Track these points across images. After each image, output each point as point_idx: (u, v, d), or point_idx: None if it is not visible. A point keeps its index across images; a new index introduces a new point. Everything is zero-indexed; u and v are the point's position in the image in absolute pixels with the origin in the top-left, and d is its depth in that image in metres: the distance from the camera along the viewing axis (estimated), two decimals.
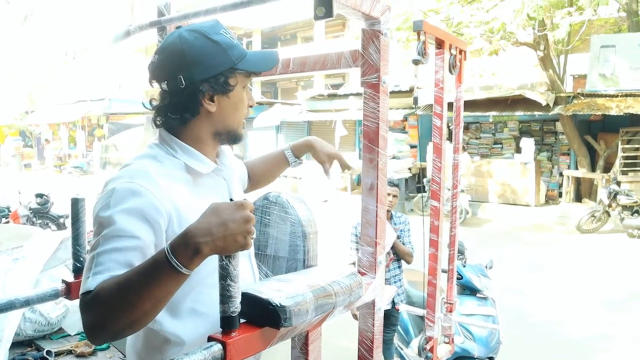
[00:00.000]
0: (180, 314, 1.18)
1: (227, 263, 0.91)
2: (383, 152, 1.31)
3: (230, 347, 0.92)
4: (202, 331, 1.19)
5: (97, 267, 1.03)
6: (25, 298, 1.36)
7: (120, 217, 1.06)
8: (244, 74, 1.23)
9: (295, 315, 0.98)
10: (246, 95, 1.27)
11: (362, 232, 1.36)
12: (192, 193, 1.19)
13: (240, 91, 1.24)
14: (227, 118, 1.24)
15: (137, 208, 1.07)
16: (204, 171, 1.23)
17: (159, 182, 1.12)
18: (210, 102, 1.20)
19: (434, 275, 2.49)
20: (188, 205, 1.15)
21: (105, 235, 1.05)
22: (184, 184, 1.19)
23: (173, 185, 1.15)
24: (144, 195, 1.08)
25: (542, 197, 11.24)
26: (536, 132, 12.07)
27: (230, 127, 1.26)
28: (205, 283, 1.18)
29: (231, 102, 1.23)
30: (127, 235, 1.05)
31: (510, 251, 8.03)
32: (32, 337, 2.56)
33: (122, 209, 1.06)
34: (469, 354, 3.26)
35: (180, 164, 1.21)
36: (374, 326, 1.35)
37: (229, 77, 1.20)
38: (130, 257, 1.04)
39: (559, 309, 5.49)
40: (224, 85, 1.19)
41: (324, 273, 1.20)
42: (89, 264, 1.05)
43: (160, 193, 1.11)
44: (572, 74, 11.73)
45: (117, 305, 0.96)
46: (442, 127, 2.42)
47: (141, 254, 1.05)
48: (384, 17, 1.28)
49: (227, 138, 1.28)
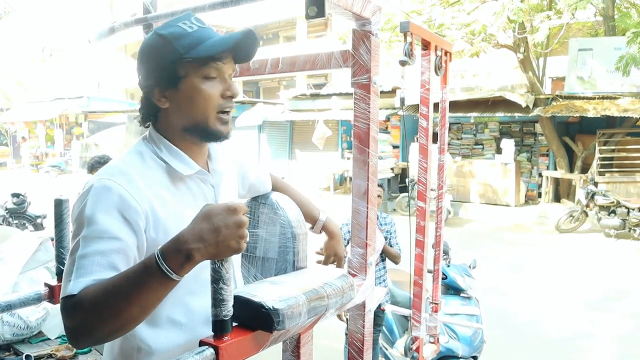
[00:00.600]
0: (156, 322, 1.14)
1: (219, 266, 0.89)
2: (374, 154, 1.31)
3: (222, 351, 0.90)
4: (177, 341, 1.15)
5: (80, 270, 1.00)
6: (6, 302, 1.32)
7: (101, 217, 1.03)
8: (199, 63, 1.12)
9: (288, 318, 0.96)
10: (212, 85, 1.15)
11: (352, 234, 1.35)
12: (172, 197, 1.14)
13: (196, 82, 1.14)
14: (185, 112, 1.16)
15: (117, 208, 1.04)
16: (185, 172, 1.17)
17: (138, 184, 1.09)
18: (160, 99, 1.16)
19: (419, 276, 2.50)
20: (165, 210, 1.11)
21: (86, 237, 1.02)
22: (164, 188, 1.14)
23: (153, 187, 1.12)
24: (122, 195, 1.05)
25: (522, 197, 11.40)
26: (516, 133, 12.24)
27: (194, 121, 1.16)
28: (185, 290, 1.14)
29: (183, 95, 1.15)
30: (108, 236, 1.02)
31: (492, 251, 8.12)
32: (10, 341, 2.49)
33: (102, 209, 1.03)
34: (453, 354, 3.28)
35: (162, 165, 1.17)
36: (364, 327, 1.35)
37: (176, 69, 1.13)
38: (114, 260, 1.01)
39: (539, 309, 5.56)
40: (169, 78, 1.14)
41: (315, 275, 1.19)
42: (69, 267, 1.02)
43: (138, 194, 1.07)
44: (551, 77, 11.94)
45: (104, 311, 0.94)
46: (428, 128, 2.42)
47: (124, 257, 1.03)
48: (374, 17, 1.27)
49: (199, 134, 1.18)
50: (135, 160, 1.16)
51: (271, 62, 1.48)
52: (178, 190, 1.17)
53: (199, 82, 1.14)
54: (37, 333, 2.59)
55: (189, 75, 1.13)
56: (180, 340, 1.16)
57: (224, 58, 1.15)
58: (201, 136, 1.19)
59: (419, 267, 2.49)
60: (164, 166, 1.17)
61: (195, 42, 1.11)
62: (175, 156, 1.18)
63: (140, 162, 1.15)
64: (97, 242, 1.01)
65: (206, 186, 1.24)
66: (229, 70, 1.18)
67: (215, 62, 1.14)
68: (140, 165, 1.14)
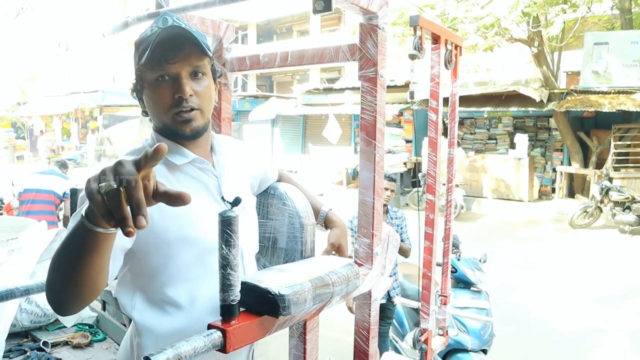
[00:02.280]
0: (158, 305, 1.18)
1: (227, 252, 0.92)
2: (380, 145, 1.33)
3: (230, 334, 0.93)
4: (177, 325, 1.18)
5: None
6: (25, 287, 1.38)
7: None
8: (149, 67, 1.16)
9: (293, 304, 0.99)
10: (164, 88, 1.17)
11: (359, 224, 1.37)
12: (167, 183, 1.12)
13: (150, 86, 1.18)
14: (151, 114, 1.23)
15: None
16: (178, 162, 1.21)
17: None
18: (140, 103, 1.25)
19: (428, 268, 2.51)
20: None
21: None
22: (162, 178, 1.14)
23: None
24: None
25: (535, 192, 11.32)
26: (530, 128, 12.13)
27: (160, 121, 1.22)
28: (190, 275, 1.18)
29: (146, 98, 1.21)
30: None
31: (504, 246, 8.09)
32: (28, 328, 2.56)
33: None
34: (463, 346, 3.30)
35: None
36: (370, 316, 1.37)
37: (140, 75, 1.20)
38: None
39: (551, 305, 5.55)
40: (138, 84, 1.22)
41: (322, 263, 1.21)
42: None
43: None
44: (566, 71, 11.80)
45: (55, 281, 0.98)
46: (437, 122, 2.44)
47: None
48: (381, 11, 1.29)
49: (167, 133, 1.23)
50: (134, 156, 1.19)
51: (280, 56, 1.51)
52: (175, 178, 1.21)
53: (152, 86, 1.18)
54: (53, 321, 2.65)
55: (147, 79, 1.18)
56: (180, 324, 1.18)
57: (169, 58, 1.15)
58: (170, 135, 1.23)
59: (428, 260, 2.51)
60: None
61: (147, 47, 1.14)
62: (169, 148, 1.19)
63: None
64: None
65: (207, 175, 1.26)
66: (186, 68, 1.17)
67: (161, 64, 1.15)
68: None
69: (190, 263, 1.15)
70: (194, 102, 1.18)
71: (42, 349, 2.37)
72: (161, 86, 1.17)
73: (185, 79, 1.17)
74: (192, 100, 1.18)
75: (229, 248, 0.92)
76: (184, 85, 1.16)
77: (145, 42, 1.16)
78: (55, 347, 2.42)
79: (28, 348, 2.38)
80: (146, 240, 1.13)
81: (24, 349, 2.38)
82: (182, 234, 1.15)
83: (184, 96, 1.16)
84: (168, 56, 1.14)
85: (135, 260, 1.17)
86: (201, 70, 1.20)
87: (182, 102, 1.17)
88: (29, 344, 2.44)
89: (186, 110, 1.17)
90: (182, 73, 1.17)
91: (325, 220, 1.51)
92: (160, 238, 1.14)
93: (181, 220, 1.15)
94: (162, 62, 1.15)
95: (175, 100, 1.17)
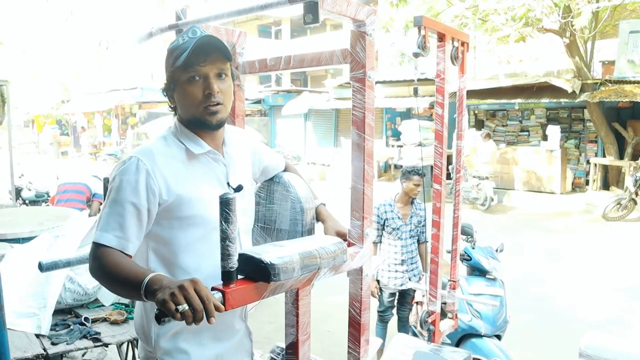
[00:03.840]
0: (167, 268, 1.44)
1: (226, 227, 1.12)
2: (369, 138, 1.50)
3: (228, 295, 1.13)
4: None
5: (104, 224, 1.35)
6: (67, 260, 1.62)
7: (124, 187, 1.36)
8: (182, 69, 1.40)
9: (283, 272, 1.18)
10: (195, 86, 1.41)
11: (351, 208, 1.55)
12: (185, 170, 1.44)
13: (183, 85, 1.42)
14: (182, 109, 1.47)
15: (138, 180, 1.36)
16: (196, 151, 1.46)
17: (157, 161, 1.39)
18: (170, 99, 1.50)
19: (436, 254, 2.67)
20: (178, 180, 1.40)
21: (112, 199, 1.37)
22: (181, 163, 1.44)
23: (170, 162, 1.42)
24: (143, 170, 1.37)
25: (568, 184, 11.17)
26: (564, 120, 11.95)
27: (189, 114, 1.45)
28: (193, 249, 1.43)
29: (178, 95, 1.45)
30: (127, 201, 1.35)
31: (534, 238, 8.08)
32: (71, 306, 2.85)
33: (126, 179, 1.36)
34: (476, 332, 3.42)
35: (182, 146, 1.47)
36: (362, 290, 1.55)
37: (172, 76, 1.45)
38: (127, 221, 1.34)
39: (578, 295, 5.55)
40: (170, 84, 1.47)
41: (313, 240, 1.40)
42: (98, 220, 1.38)
43: (155, 170, 1.38)
44: (601, 60, 11.55)
45: (102, 279, 1.35)
46: (443, 115, 2.58)
47: (137, 219, 1.36)
48: (369, 19, 1.45)
49: (196, 124, 1.46)
50: (159, 144, 1.47)
51: (284, 59, 1.70)
52: (192, 166, 1.46)
53: (185, 85, 1.42)
54: (93, 300, 2.93)
55: (179, 80, 1.43)
56: None
57: (201, 61, 1.39)
58: (196, 126, 1.47)
59: (436, 246, 2.66)
60: (183, 147, 1.47)
61: (180, 53, 1.39)
62: (190, 139, 1.47)
63: (163, 145, 1.46)
64: (118, 205, 1.35)
65: (218, 164, 1.51)
66: (214, 70, 1.42)
67: (193, 66, 1.39)
68: (163, 147, 1.45)
69: (199, 238, 1.42)
70: (219, 98, 1.43)
71: (83, 324, 2.64)
72: (193, 84, 1.41)
73: (213, 79, 1.42)
74: (218, 96, 1.42)
75: (228, 224, 1.12)
76: (212, 84, 1.41)
77: (179, 48, 1.41)
78: (94, 323, 2.69)
79: (71, 323, 2.66)
80: (162, 215, 1.40)
81: (68, 324, 2.66)
82: (192, 213, 1.41)
83: (213, 93, 1.41)
84: (199, 60, 1.39)
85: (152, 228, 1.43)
86: (225, 72, 1.45)
87: (210, 97, 1.41)
88: (72, 320, 2.72)
89: (213, 104, 1.42)
90: (210, 74, 1.41)
91: (317, 212, 1.71)
92: (174, 214, 1.41)
93: (193, 201, 1.41)
94: (194, 64, 1.39)
95: (205, 96, 1.41)
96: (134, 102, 22.50)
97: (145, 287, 1.18)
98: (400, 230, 3.88)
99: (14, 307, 2.58)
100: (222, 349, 1.51)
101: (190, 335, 1.45)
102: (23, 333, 2.54)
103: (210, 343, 1.48)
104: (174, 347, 1.45)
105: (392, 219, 3.88)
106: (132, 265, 1.30)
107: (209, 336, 1.48)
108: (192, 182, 1.43)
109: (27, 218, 4.15)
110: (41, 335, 2.54)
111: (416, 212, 3.93)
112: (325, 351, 3.79)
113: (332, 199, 2.35)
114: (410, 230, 3.91)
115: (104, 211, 1.37)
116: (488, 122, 13.08)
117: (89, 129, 25.55)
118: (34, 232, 3.53)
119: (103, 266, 1.31)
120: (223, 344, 1.51)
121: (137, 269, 1.27)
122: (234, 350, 1.55)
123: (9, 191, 7.60)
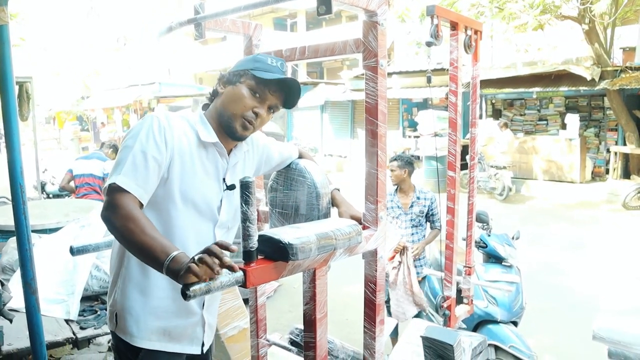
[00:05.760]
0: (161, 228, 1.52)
1: (246, 209, 1.18)
2: (382, 125, 1.55)
3: (249, 273, 1.20)
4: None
5: (123, 169, 1.42)
6: (95, 244, 1.72)
7: (145, 138, 1.46)
8: (254, 79, 1.54)
9: (300, 251, 1.25)
10: (252, 99, 1.55)
11: (366, 192, 1.60)
12: (190, 153, 1.55)
13: (243, 88, 1.55)
14: (225, 104, 1.58)
15: (158, 133, 1.47)
16: (204, 139, 1.57)
17: (175, 133, 1.52)
18: (220, 86, 1.61)
19: (451, 240, 2.71)
20: (182, 160, 1.52)
21: (134, 148, 1.44)
22: (189, 145, 1.55)
23: (183, 138, 1.54)
24: (163, 126, 1.50)
25: (588, 173, 11.05)
26: (583, 108, 11.81)
27: (227, 114, 1.57)
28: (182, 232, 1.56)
29: (232, 91, 1.57)
30: (148, 152, 1.45)
31: (553, 228, 8.03)
32: (98, 293, 2.96)
33: (150, 131, 1.47)
34: (492, 318, 3.45)
35: (194, 132, 1.58)
36: (376, 271, 1.61)
37: (241, 74, 1.57)
38: (150, 173, 1.45)
39: (598, 285, 5.52)
40: (234, 77, 1.59)
41: (330, 223, 1.46)
42: (118, 159, 1.46)
43: (172, 135, 1.50)
44: (622, 47, 11.38)
45: (118, 232, 1.37)
46: (456, 104, 2.62)
47: (156, 174, 1.47)
48: (380, 9, 1.50)
49: (223, 124, 1.58)
50: (179, 119, 1.58)
51: (299, 50, 1.75)
52: (198, 152, 1.58)
53: (244, 89, 1.56)
54: None
55: (244, 82, 1.57)
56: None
57: (272, 90, 1.56)
58: (222, 125, 1.59)
59: (450, 233, 2.70)
60: (195, 132, 1.58)
61: (263, 68, 1.56)
62: (204, 126, 1.59)
63: (182, 122, 1.58)
64: (140, 154, 1.44)
65: (222, 159, 1.63)
66: (273, 101, 1.59)
67: (264, 86, 1.55)
68: (181, 123, 1.57)
69: (189, 224, 1.56)
70: (257, 122, 1.59)
71: None
72: (251, 96, 1.56)
73: (266, 107, 1.59)
74: (257, 120, 1.59)
75: (248, 206, 1.18)
76: (262, 110, 1.58)
77: (264, 64, 1.57)
78: None
79: (98, 309, 2.77)
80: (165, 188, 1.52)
81: (94, 309, 2.77)
82: (188, 195, 1.54)
83: (258, 114, 1.57)
84: (273, 89, 1.57)
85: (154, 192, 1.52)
86: (274, 111, 1.63)
87: (254, 116, 1.57)
88: (98, 305, 2.83)
89: (250, 121, 1.57)
90: (268, 103, 1.59)
91: (332, 197, 1.78)
92: (173, 192, 1.53)
93: (190, 186, 1.54)
94: (268, 88, 1.56)
95: (251, 112, 1.56)
96: (152, 97, 22.72)
97: (167, 268, 1.25)
98: (399, 220, 3.92)
99: (44, 294, 2.69)
100: (170, 325, 1.61)
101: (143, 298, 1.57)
102: (53, 318, 2.66)
103: (161, 313, 1.59)
104: (129, 305, 1.57)
105: (392, 208, 3.92)
106: (155, 232, 1.35)
107: (161, 305, 1.58)
108: (192, 166, 1.54)
109: (53, 210, 4.29)
110: (70, 321, 2.66)
111: (418, 201, 3.94)
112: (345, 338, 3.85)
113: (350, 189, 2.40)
114: (411, 219, 3.92)
115: (126, 157, 1.44)
116: (506, 111, 12.97)
117: (108, 125, 25.89)
118: (61, 222, 3.66)
119: (123, 217, 1.35)
120: (173, 321, 1.61)
121: (161, 240, 1.32)
122: (182, 330, 1.64)
123: (34, 186, 7.80)
